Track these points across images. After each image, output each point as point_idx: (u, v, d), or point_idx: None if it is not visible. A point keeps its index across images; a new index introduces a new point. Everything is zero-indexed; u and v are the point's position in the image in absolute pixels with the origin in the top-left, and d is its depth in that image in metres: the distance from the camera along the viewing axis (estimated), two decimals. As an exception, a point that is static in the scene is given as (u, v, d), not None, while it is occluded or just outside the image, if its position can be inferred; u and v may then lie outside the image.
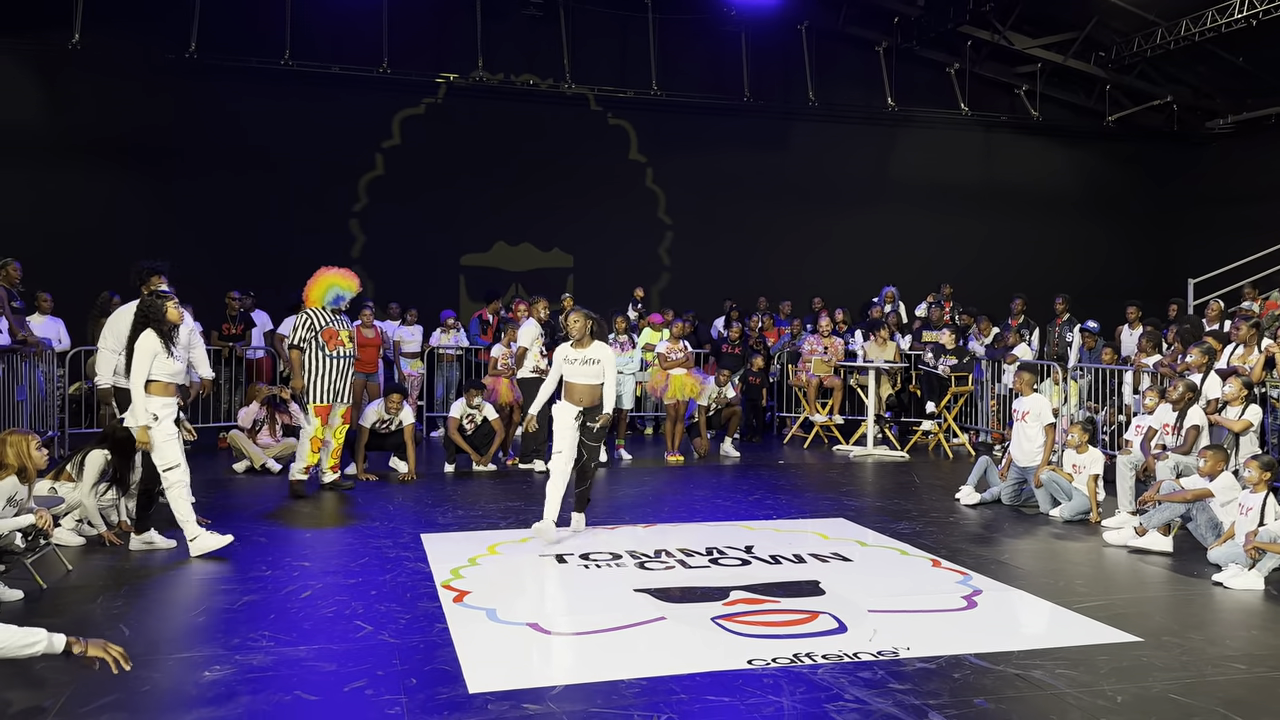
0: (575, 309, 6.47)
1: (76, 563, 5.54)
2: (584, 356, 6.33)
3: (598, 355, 6.32)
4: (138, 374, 5.70)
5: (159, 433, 5.75)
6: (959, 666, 4.08)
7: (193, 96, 12.66)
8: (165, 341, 5.79)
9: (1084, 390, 10.18)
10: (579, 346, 6.37)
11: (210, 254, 12.30)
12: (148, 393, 5.73)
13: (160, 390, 5.79)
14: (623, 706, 3.61)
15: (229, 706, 3.57)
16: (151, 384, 5.75)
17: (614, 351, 10.21)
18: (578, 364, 6.33)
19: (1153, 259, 16.11)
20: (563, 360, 6.41)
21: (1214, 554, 5.78)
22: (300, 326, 7.76)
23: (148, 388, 5.74)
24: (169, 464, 5.77)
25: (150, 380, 5.74)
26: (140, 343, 5.74)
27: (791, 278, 14.41)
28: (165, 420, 5.79)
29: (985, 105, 15.67)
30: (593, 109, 14.30)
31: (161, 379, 5.78)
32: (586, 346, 6.35)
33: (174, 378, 5.85)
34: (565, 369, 6.39)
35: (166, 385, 5.82)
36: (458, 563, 5.66)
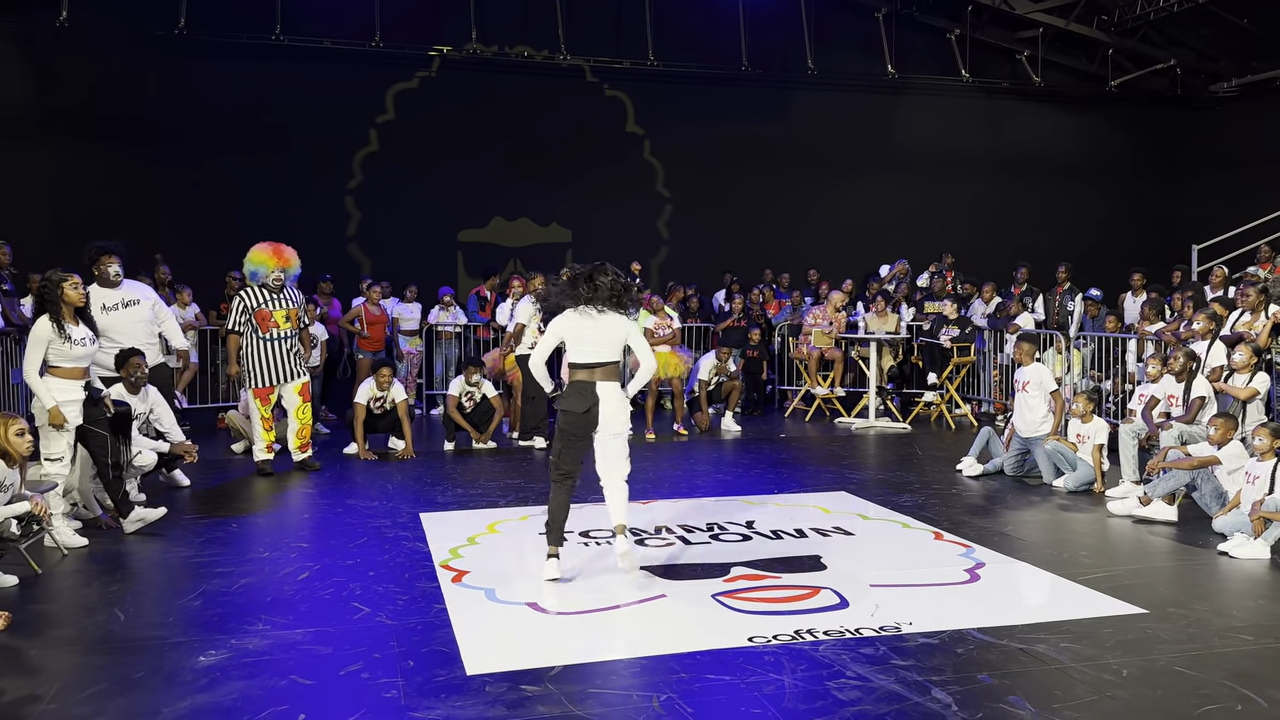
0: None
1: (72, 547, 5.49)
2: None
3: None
4: (30, 363, 5.44)
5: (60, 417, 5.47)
6: (962, 641, 4.03)
7: (182, 73, 12.53)
8: (59, 326, 5.48)
9: (1087, 359, 10.10)
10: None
11: (203, 233, 12.21)
12: (51, 376, 5.49)
13: (64, 375, 5.53)
14: (622, 687, 3.57)
15: (222, 692, 3.53)
16: (52, 369, 5.51)
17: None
18: None
19: (1156, 225, 15.98)
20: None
21: (1219, 523, 5.72)
22: (235, 310, 7.66)
23: (52, 373, 5.50)
24: (53, 455, 5.49)
25: (51, 366, 5.49)
26: (34, 330, 5.48)
27: (791, 249, 14.30)
28: (67, 408, 5.50)
29: (986, 71, 15.48)
30: (589, 80, 14.14)
31: (63, 365, 5.53)
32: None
33: (78, 362, 5.56)
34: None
35: (69, 370, 5.54)
36: (457, 542, 5.62)
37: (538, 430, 9.07)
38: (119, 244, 7.19)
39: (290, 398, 7.81)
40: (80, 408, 5.61)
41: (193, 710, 3.39)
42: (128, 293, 7.13)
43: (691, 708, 3.39)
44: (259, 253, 7.71)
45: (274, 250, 7.71)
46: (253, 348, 7.62)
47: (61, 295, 5.55)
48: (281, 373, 7.69)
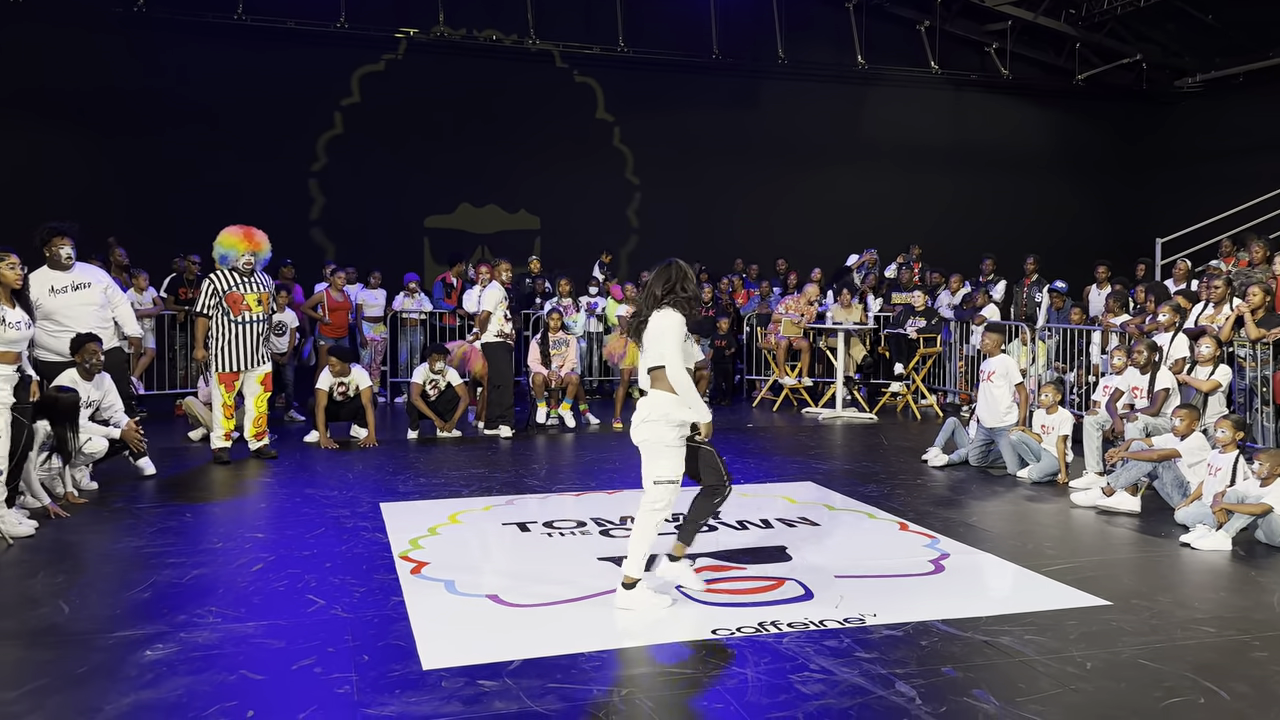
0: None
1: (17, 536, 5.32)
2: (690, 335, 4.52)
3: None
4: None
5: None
6: (926, 633, 4.00)
7: (142, 52, 12.24)
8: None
9: (1052, 350, 10.15)
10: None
11: (162, 215, 11.96)
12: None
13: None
14: (582, 681, 3.49)
15: (168, 687, 3.41)
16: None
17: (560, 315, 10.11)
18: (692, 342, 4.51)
19: (1121, 218, 16.12)
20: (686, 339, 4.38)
21: (1181, 514, 5.75)
22: (204, 293, 7.51)
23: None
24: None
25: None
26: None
27: (761, 239, 14.26)
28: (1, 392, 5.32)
29: (955, 63, 15.51)
30: (558, 66, 13.99)
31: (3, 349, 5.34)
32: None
33: (12, 345, 5.36)
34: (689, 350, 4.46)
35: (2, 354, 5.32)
36: (417, 533, 5.51)
37: (503, 419, 8.97)
38: (72, 225, 6.99)
39: (251, 385, 7.67)
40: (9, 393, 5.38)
41: (136, 706, 3.27)
42: (79, 276, 6.94)
43: (652, 702, 3.33)
44: (230, 236, 7.56)
45: (245, 234, 7.57)
46: (222, 331, 7.46)
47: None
48: (249, 358, 7.54)
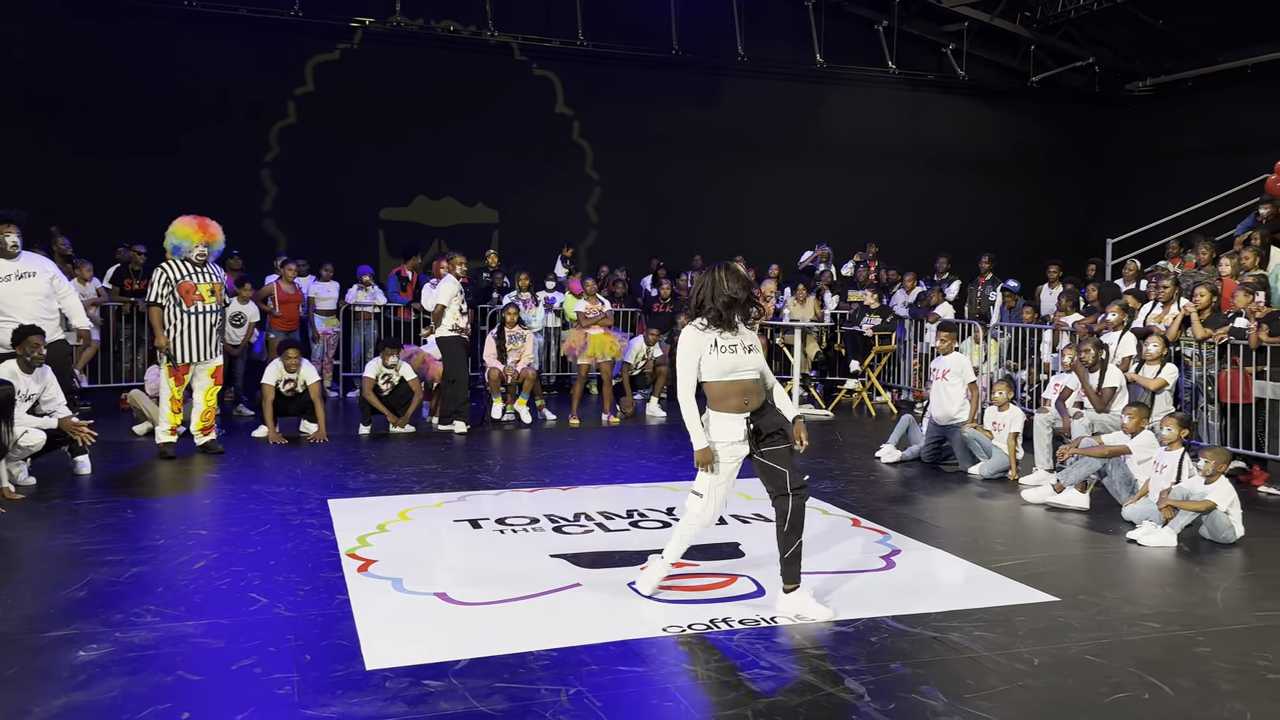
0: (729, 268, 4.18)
1: (-51, 534, 5.16)
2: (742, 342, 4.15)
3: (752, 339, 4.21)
4: None
5: None
6: (876, 629, 4.00)
7: (92, 38, 11.92)
8: None
9: (1004, 349, 10.26)
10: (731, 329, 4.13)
11: (111, 205, 11.67)
12: None
13: None
14: (530, 680, 3.44)
15: (102, 689, 3.31)
16: None
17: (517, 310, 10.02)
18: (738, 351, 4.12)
19: (1073, 218, 16.36)
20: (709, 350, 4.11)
21: (1128, 511, 5.82)
22: (156, 282, 7.34)
23: None
24: None
25: None
26: None
27: (720, 235, 14.25)
28: None
29: (912, 64, 15.63)
30: (517, 59, 13.88)
31: None
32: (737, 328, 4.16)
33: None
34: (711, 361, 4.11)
35: None
36: (366, 530, 5.42)
37: (458, 415, 8.87)
38: (19, 213, 6.81)
39: (202, 379, 7.52)
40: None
41: (67, 709, 3.17)
42: (24, 265, 6.75)
43: (600, 701, 3.29)
44: (183, 226, 7.39)
45: (199, 224, 7.41)
46: (174, 322, 7.29)
47: None
48: (201, 350, 7.39)
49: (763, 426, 4.16)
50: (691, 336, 4.14)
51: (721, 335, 4.11)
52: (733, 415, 4.13)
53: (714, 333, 4.11)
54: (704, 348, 4.11)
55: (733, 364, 4.10)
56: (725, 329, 4.11)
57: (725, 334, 4.11)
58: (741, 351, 4.11)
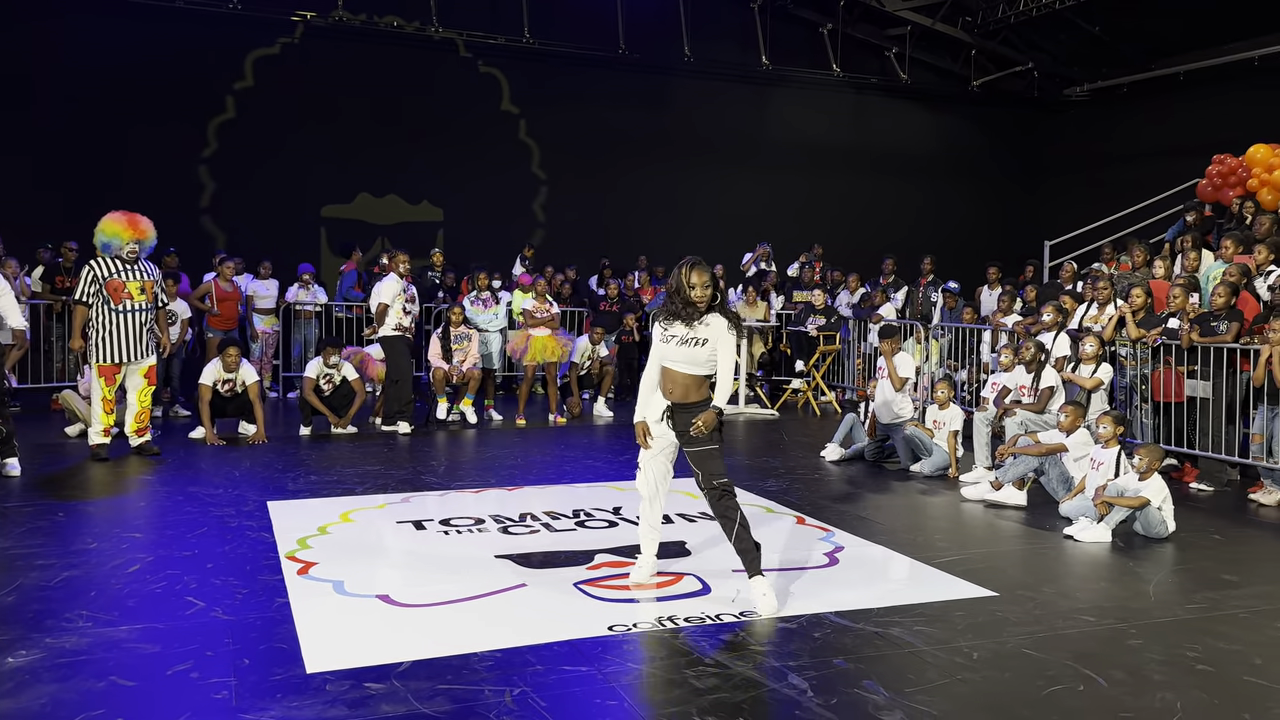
0: (695, 263, 4.27)
1: None
2: (695, 336, 4.22)
3: (706, 333, 4.22)
4: None
5: None
6: (819, 625, 4.04)
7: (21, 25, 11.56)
8: None
9: (945, 349, 10.43)
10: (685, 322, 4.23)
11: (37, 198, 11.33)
12: None
13: None
14: (474, 681, 3.41)
15: (30, 695, 3.21)
16: None
17: (477, 309, 9.96)
18: (675, 344, 4.25)
19: (1012, 221, 16.69)
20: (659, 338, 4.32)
21: (1065, 507, 5.95)
22: (84, 280, 7.14)
23: None
24: None
25: None
26: None
27: (666, 235, 14.30)
28: None
29: (856, 67, 15.82)
30: (462, 55, 13.78)
31: None
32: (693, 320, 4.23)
33: None
34: (660, 348, 4.32)
35: None
36: (306, 531, 5.33)
37: (402, 415, 8.77)
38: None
39: (134, 379, 7.33)
40: None
41: (-7, 719, 3.07)
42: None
43: (545, 701, 3.27)
44: (112, 223, 7.17)
45: (129, 221, 7.20)
46: (103, 321, 7.09)
47: None
48: (132, 350, 7.19)
49: (678, 421, 4.30)
50: (656, 325, 4.39)
51: (672, 325, 4.26)
52: (661, 398, 4.37)
53: (666, 322, 4.29)
54: (658, 334, 4.33)
55: (666, 353, 4.30)
56: (678, 320, 4.24)
57: (676, 325, 4.25)
58: (676, 344, 4.24)
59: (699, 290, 4.19)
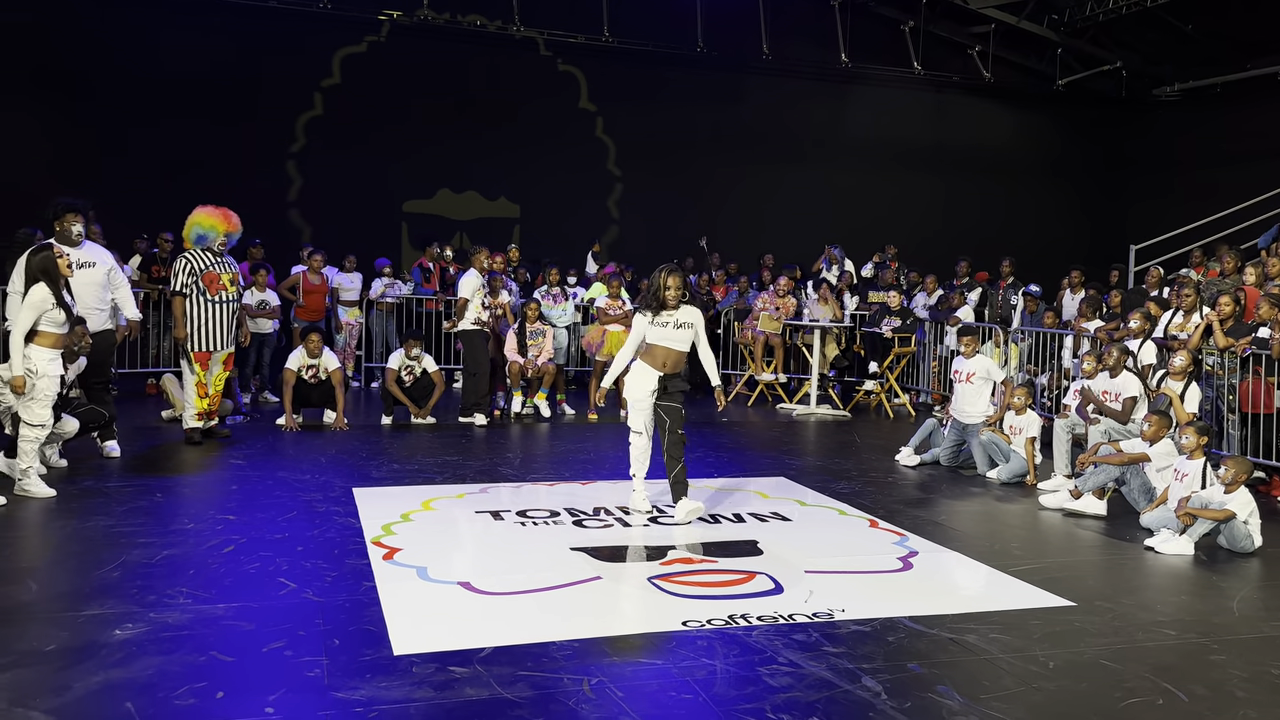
0: (672, 270, 5.66)
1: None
2: (675, 320, 5.65)
3: (690, 319, 5.70)
4: (21, 326, 5.63)
5: (38, 387, 5.68)
6: (893, 629, 4.05)
7: (124, 29, 12.06)
8: (56, 293, 5.69)
9: (1024, 353, 10.27)
10: (670, 310, 5.66)
11: (138, 193, 11.81)
12: (36, 344, 5.66)
13: (48, 342, 5.70)
14: (552, 669, 3.51)
15: (138, 667, 3.40)
16: (38, 335, 5.66)
17: (548, 304, 10.13)
18: (669, 328, 5.65)
19: (1097, 224, 16.30)
20: (648, 325, 5.65)
21: (1146, 518, 5.84)
22: (180, 271, 7.46)
23: (36, 338, 5.66)
24: (36, 421, 5.70)
25: (36, 331, 5.66)
26: (30, 295, 5.66)
27: (740, 233, 14.31)
28: (48, 376, 5.70)
29: (938, 65, 15.60)
30: (542, 54, 13.95)
31: (51, 330, 5.70)
32: (677, 309, 5.67)
33: (61, 327, 5.75)
34: (652, 333, 5.66)
35: (56, 337, 5.72)
36: (390, 518, 5.51)
37: (478, 407, 8.96)
38: (85, 203, 6.97)
39: (215, 366, 7.63)
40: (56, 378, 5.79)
41: (106, 685, 3.26)
42: (85, 254, 6.89)
43: (622, 691, 3.35)
44: (208, 216, 7.50)
45: (223, 215, 7.54)
46: (199, 311, 7.41)
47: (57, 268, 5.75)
48: (225, 338, 7.53)
49: (669, 386, 5.68)
50: (637, 319, 5.73)
51: (658, 315, 5.64)
52: (650, 370, 5.65)
53: (651, 314, 5.64)
54: (645, 324, 5.67)
55: (661, 335, 5.65)
56: (661, 310, 5.64)
57: (664, 314, 5.64)
58: (672, 328, 5.65)
59: (673, 292, 5.62)
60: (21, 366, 5.60)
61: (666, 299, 5.60)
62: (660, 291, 5.61)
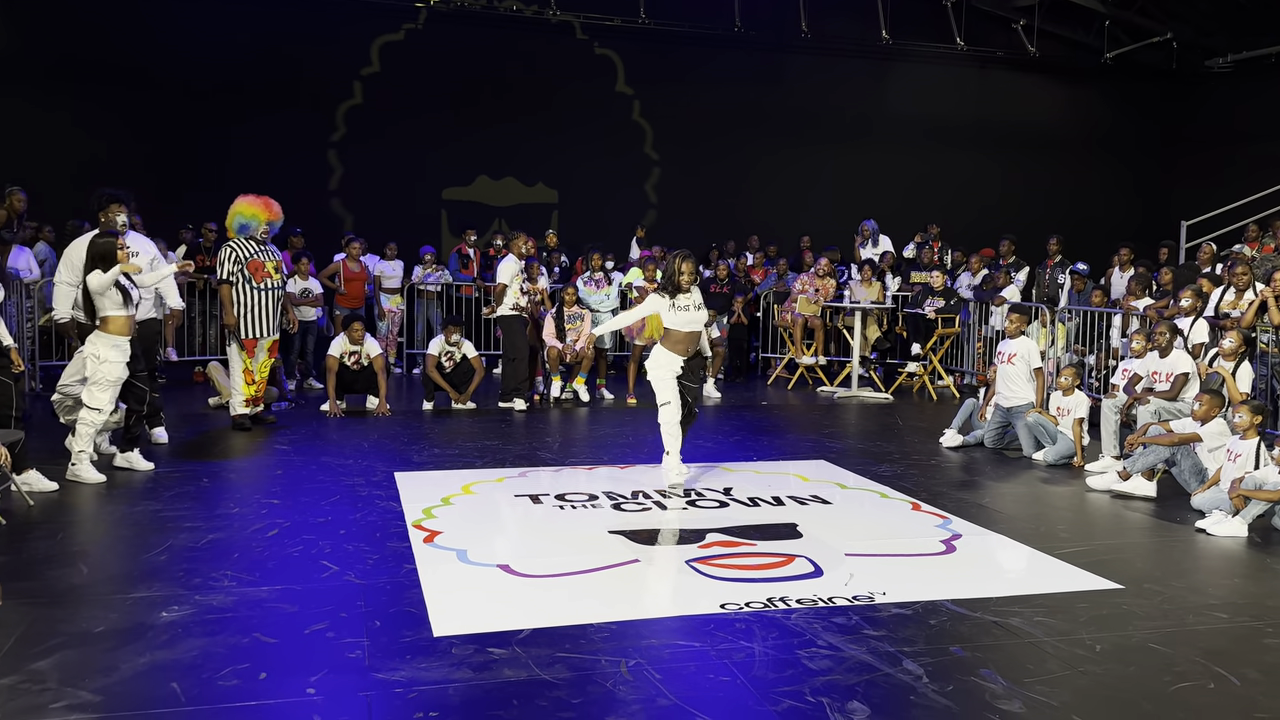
0: (685, 256, 5.95)
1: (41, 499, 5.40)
2: (694, 302, 5.95)
3: (699, 298, 6.03)
4: (90, 314, 5.77)
5: (102, 372, 5.78)
6: (935, 612, 4.00)
7: (162, 19, 12.21)
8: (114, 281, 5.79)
9: (1071, 333, 10.08)
10: (685, 293, 5.93)
11: (180, 183, 11.99)
12: (102, 331, 5.78)
13: (114, 328, 5.80)
14: (590, 651, 3.51)
15: (183, 648, 3.46)
16: (105, 321, 5.78)
17: (590, 289, 10.13)
18: (690, 309, 5.92)
19: (1146, 200, 15.93)
20: (668, 310, 5.92)
21: (1198, 500, 5.71)
22: (226, 260, 7.55)
23: (103, 325, 5.76)
24: (96, 405, 5.81)
25: (104, 318, 5.77)
26: (90, 280, 5.76)
27: (780, 215, 14.19)
28: (111, 362, 5.79)
29: (981, 40, 15.28)
30: (578, 38, 13.89)
31: (116, 314, 5.81)
32: (689, 292, 5.96)
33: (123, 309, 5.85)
34: (672, 317, 5.92)
35: (122, 321, 5.83)
36: (430, 502, 5.55)
37: (518, 392, 8.99)
38: (128, 193, 7.07)
39: (260, 351, 7.73)
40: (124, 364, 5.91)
41: (152, 666, 3.32)
42: (130, 244, 6.99)
43: (660, 674, 3.35)
44: (250, 206, 7.59)
45: (265, 204, 7.63)
46: (244, 298, 7.51)
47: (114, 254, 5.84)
48: (271, 325, 7.63)
49: (691, 366, 6.05)
50: (654, 296, 6.00)
51: (678, 299, 5.89)
52: (674, 355, 5.95)
53: (671, 298, 5.89)
54: (663, 306, 5.92)
55: (683, 319, 5.91)
56: (679, 293, 5.90)
57: (680, 298, 5.90)
58: (694, 309, 5.94)
59: (687, 277, 5.90)
60: (67, 310, 5.76)
61: (682, 283, 5.90)
62: (676, 276, 5.89)
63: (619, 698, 3.17)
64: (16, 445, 5.21)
